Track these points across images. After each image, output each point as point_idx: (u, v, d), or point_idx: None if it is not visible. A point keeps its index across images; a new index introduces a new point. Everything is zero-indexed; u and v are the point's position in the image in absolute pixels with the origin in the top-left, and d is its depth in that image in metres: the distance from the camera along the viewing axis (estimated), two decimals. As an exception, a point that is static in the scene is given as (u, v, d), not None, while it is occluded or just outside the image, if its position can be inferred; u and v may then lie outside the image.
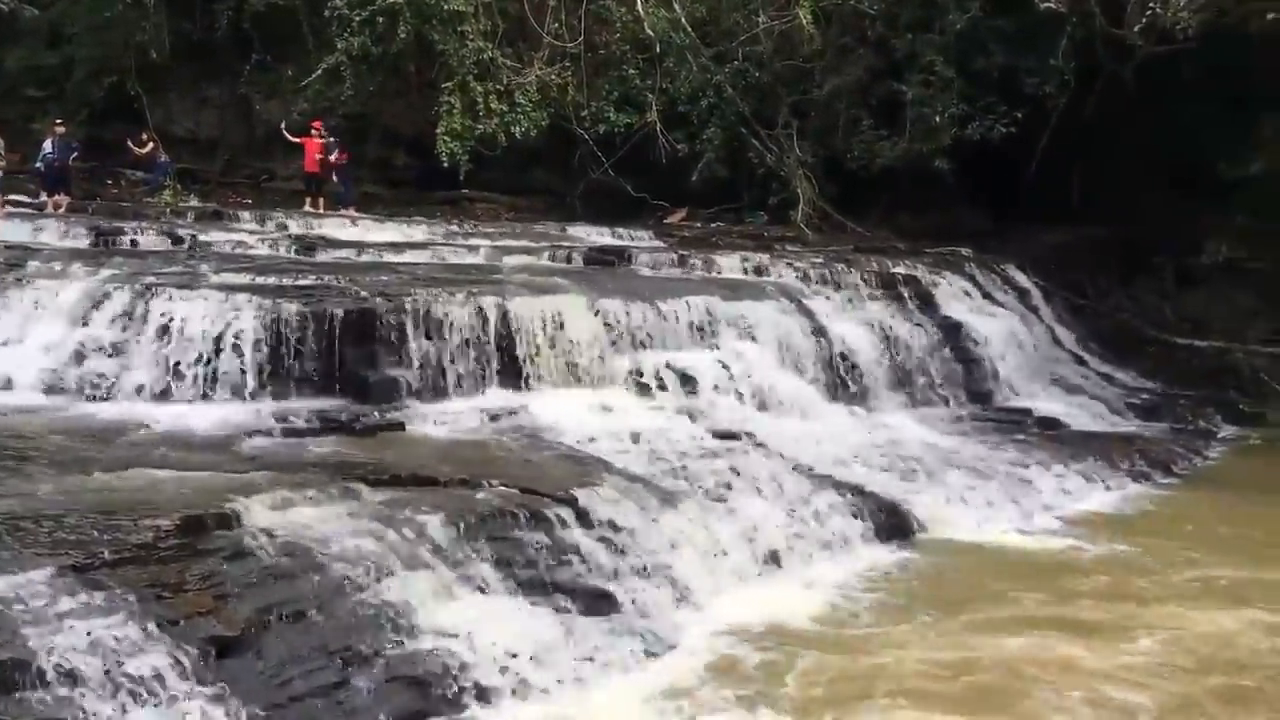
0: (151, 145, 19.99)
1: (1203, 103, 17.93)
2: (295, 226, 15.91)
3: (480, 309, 10.11)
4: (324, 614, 5.76)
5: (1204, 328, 17.57)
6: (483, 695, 5.65)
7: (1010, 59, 18.11)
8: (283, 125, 19.55)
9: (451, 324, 9.89)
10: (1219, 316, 17.72)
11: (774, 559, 8.08)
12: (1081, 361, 16.28)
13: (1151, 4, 15.20)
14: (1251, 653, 6.79)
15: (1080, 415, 13.58)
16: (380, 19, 18.52)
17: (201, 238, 14.14)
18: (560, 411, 9.70)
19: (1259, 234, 17.63)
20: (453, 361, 9.80)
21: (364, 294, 10.05)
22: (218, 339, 9.09)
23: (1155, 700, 6.05)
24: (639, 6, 18.88)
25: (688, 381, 10.63)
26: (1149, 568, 8.44)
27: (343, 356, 9.31)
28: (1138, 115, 17.90)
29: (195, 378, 8.93)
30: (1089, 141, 18.40)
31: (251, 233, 15.20)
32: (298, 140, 19.10)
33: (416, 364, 9.61)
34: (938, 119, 18.00)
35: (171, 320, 9.25)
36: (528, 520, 7.06)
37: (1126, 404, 14.51)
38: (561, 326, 10.47)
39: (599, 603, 6.73)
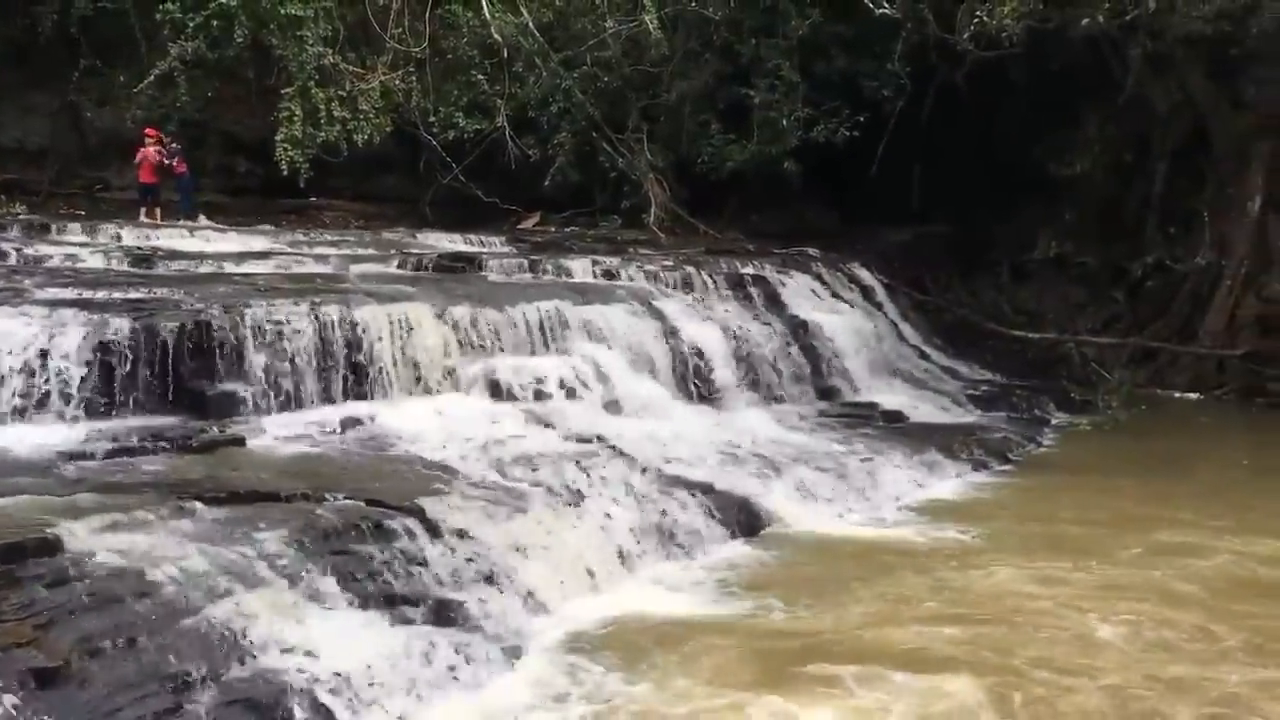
0: None
1: (1030, 106, 18.82)
2: (130, 238, 15.25)
3: (324, 319, 9.88)
4: (155, 639, 5.52)
5: (1038, 320, 18.43)
6: (324, 714, 5.51)
7: (851, 64, 18.70)
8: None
9: (294, 335, 9.64)
10: (1051, 309, 18.63)
11: (626, 561, 8.11)
12: (925, 356, 16.86)
13: (979, 11, 15.82)
14: (1069, 625, 7.14)
15: (924, 408, 14.06)
16: (215, 23, 17.91)
17: (27, 251, 13.44)
18: (409, 420, 9.56)
19: (1085, 230, 18.59)
20: (296, 373, 9.54)
21: (201, 306, 9.69)
22: (42, 357, 8.64)
23: (978, 671, 6.34)
24: (485, 11, 18.75)
25: (539, 386, 10.60)
26: (985, 550, 8.77)
27: (178, 372, 8.96)
28: (971, 118, 18.69)
29: (15, 398, 8.47)
30: (927, 144, 19.10)
31: (83, 245, 14.49)
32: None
33: (257, 377, 9.32)
34: (784, 122, 18.42)
35: (-10, 339, 8.75)
36: (372, 533, 6.92)
37: (967, 396, 15.08)
38: (410, 334, 10.32)
39: (447, 614, 6.64)
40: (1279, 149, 16.94)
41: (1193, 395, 16.24)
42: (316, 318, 9.82)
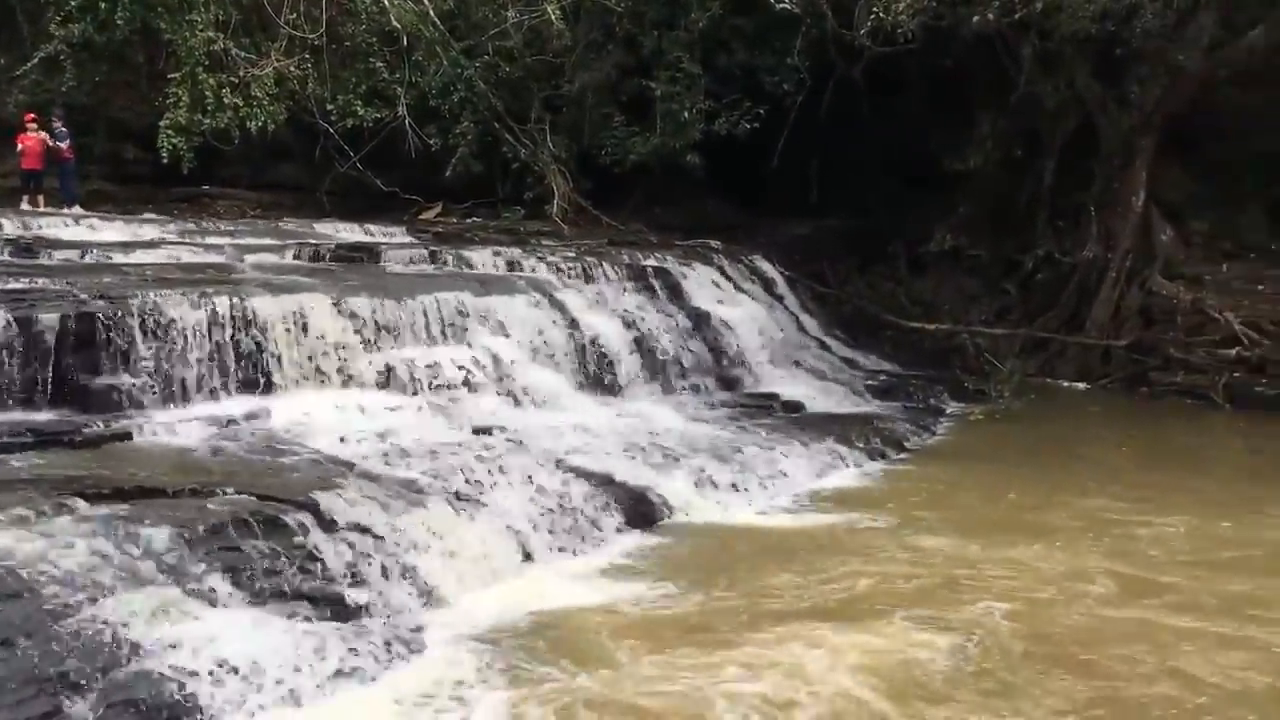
0: None
1: (926, 102, 19.22)
2: (11, 227, 14.67)
3: (216, 309, 9.62)
4: (34, 641, 5.34)
5: (933, 311, 18.83)
6: (212, 713, 5.38)
7: (751, 58, 18.88)
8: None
9: (184, 326, 9.37)
10: (946, 300, 19.04)
11: (525, 553, 8.06)
12: (825, 347, 17.11)
13: (876, 7, 16.08)
14: (966, 600, 7.38)
15: (823, 398, 14.26)
16: (101, 4, 17.33)
17: (-102, 242, 12.85)
18: (305, 413, 9.37)
19: (979, 224, 19.06)
20: (186, 366, 9.28)
21: (84, 297, 9.37)
22: (-90, 351, 8.28)
23: (872, 647, 6.54)
24: (384, -2, 18.49)
25: (438, 378, 10.50)
26: (881, 536, 8.96)
27: (60, 365, 8.64)
28: (869, 113, 19.00)
29: (-117, 394, 8.10)
30: (826, 138, 19.37)
31: (-41, 235, 13.92)
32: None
33: (145, 370, 9.04)
34: (686, 115, 18.53)
35: None
36: (264, 528, 6.77)
37: (865, 386, 15.34)
38: (306, 326, 10.12)
39: (341, 609, 6.54)
40: (1161, 146, 17.56)
41: (1080, 385, 16.76)
42: (207, 309, 9.56)
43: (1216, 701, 5.96)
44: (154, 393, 9.00)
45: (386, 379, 10.31)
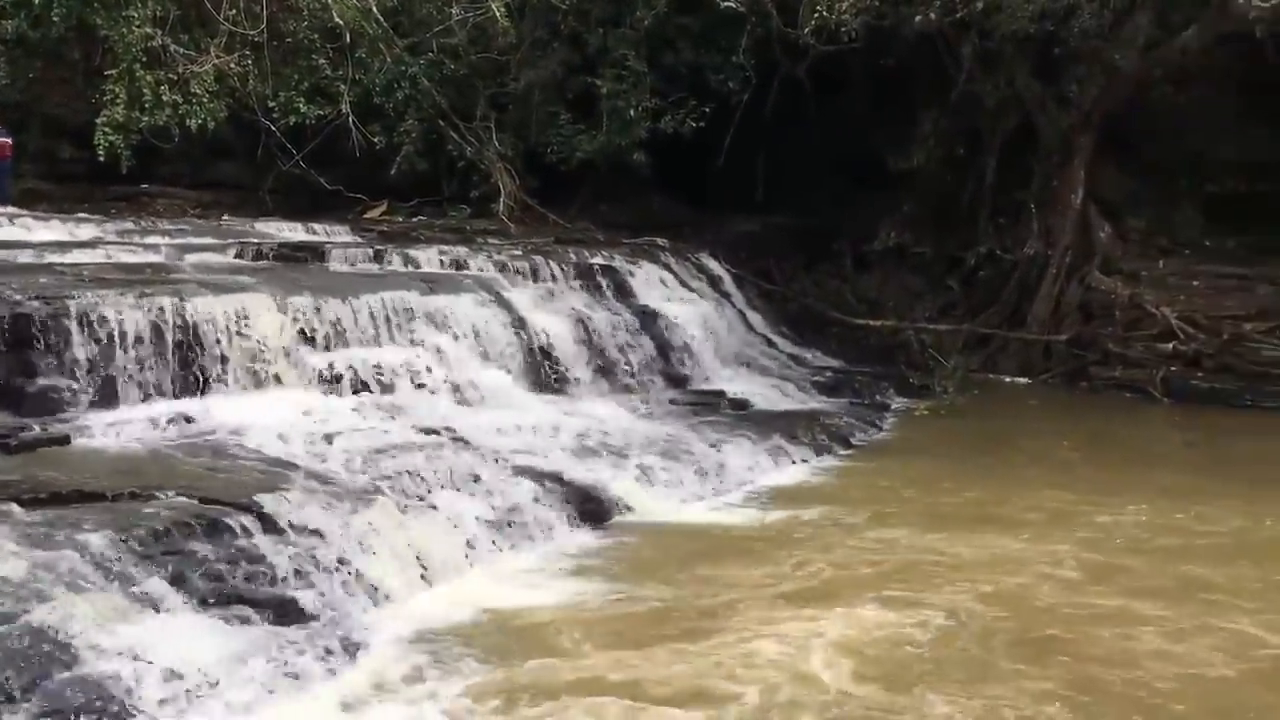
0: None
1: (870, 101, 19.41)
2: (-58, 227, 14.35)
3: (155, 310, 9.46)
4: (-33, 650, 5.23)
5: (878, 308, 19.01)
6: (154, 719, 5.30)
7: (697, 56, 18.95)
8: None
9: (123, 327, 9.20)
10: (891, 297, 19.23)
11: (473, 553, 8.03)
12: (772, 344, 17.21)
13: (819, 6, 16.20)
14: (911, 590, 7.50)
15: (770, 395, 14.33)
16: (35, 0, 16.98)
17: None
18: (248, 415, 9.23)
19: (922, 221, 19.27)
20: (126, 367, 9.12)
21: (19, 298, 9.16)
22: None
23: (836, 633, 6.64)
24: (326, -7, 18.28)
25: (384, 378, 10.41)
26: (829, 530, 9.04)
27: (-7, 368, 8.48)
28: (814, 111, 19.15)
29: None
30: (772, 136, 19.49)
31: (-112, 235, 13.58)
32: None
33: (83, 372, 8.86)
34: (632, 113, 18.53)
35: None
36: (207, 531, 6.68)
37: (811, 382, 15.44)
38: (248, 326, 9.97)
39: (287, 612, 6.45)
40: (1099, 145, 17.86)
41: (1022, 379, 17.01)
42: (147, 309, 9.39)
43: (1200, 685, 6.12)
44: (92, 395, 8.83)
45: (331, 379, 10.20)
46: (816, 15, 16.32)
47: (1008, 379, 17.05)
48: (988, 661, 6.36)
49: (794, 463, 11.57)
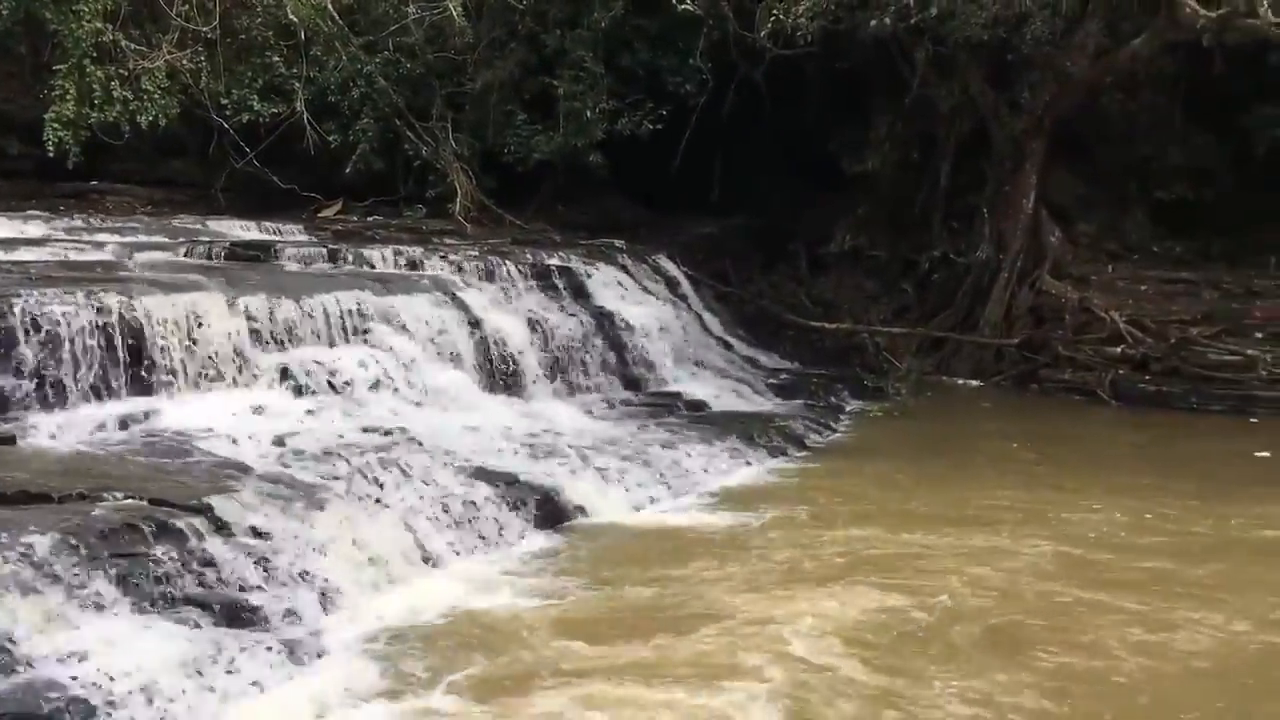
0: None
1: (826, 104, 19.53)
2: (-117, 224, 14.06)
3: (104, 309, 9.33)
4: (-92, 656, 5.12)
5: (834, 311, 19.10)
6: (102, 725, 5.21)
7: (654, 58, 18.94)
8: None
9: (71, 326, 9.06)
10: (846, 300, 19.34)
11: (429, 555, 7.98)
12: (728, 346, 17.24)
13: (776, 10, 16.28)
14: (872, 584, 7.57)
15: (726, 397, 14.36)
16: (-19, -8, 16.67)
17: None
18: (199, 415, 9.15)
19: (877, 224, 19.42)
20: (73, 367, 8.98)
21: (-37, 297, 9.01)
22: None
23: (806, 625, 6.76)
24: (281, -10, 18.09)
25: (338, 379, 10.33)
26: (784, 531, 9.07)
27: (-64, 367, 8.32)
28: (770, 114, 19.22)
29: None
30: (729, 138, 19.54)
31: None
32: None
33: (29, 371, 8.72)
34: (589, 114, 18.47)
35: None
36: (156, 533, 6.58)
37: (767, 384, 15.49)
38: (199, 326, 9.86)
39: (238, 615, 6.39)
40: (1050, 150, 18.09)
41: (975, 382, 17.15)
42: (95, 308, 9.26)
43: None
44: (39, 395, 8.69)
45: (284, 380, 10.11)
46: (773, 19, 16.37)
47: (960, 381, 17.21)
48: (963, 652, 6.45)
49: (749, 464, 11.60)
